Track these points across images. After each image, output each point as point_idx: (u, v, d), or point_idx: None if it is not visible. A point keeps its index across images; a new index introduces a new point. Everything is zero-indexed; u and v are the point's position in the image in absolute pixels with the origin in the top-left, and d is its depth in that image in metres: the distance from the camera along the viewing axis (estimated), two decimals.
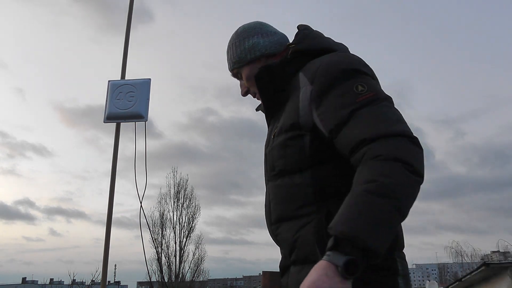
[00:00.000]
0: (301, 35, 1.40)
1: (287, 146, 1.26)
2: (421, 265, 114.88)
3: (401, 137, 1.05)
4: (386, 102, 1.15)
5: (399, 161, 1.00)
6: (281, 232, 1.28)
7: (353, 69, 1.20)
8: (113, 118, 2.92)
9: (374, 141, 1.05)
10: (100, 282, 2.96)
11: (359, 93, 1.14)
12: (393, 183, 0.97)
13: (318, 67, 1.24)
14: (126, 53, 3.32)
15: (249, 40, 1.46)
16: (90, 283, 19.29)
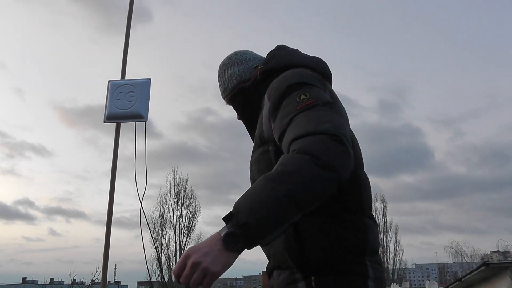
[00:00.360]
0: (270, 55, 1.49)
1: (260, 161, 1.34)
2: (421, 265, 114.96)
3: (322, 135, 1.07)
4: (326, 106, 1.19)
5: (308, 154, 1.03)
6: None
7: (298, 82, 1.27)
8: (113, 118, 2.92)
9: (297, 139, 1.09)
10: (100, 282, 2.96)
11: (300, 102, 1.20)
12: (290, 171, 1.01)
13: (273, 85, 1.33)
14: (126, 53, 3.32)
15: (228, 71, 1.58)
16: (90, 283, 19.29)
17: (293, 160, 1.03)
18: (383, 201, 39.43)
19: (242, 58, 1.59)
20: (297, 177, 1.00)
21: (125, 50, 3.32)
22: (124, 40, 3.36)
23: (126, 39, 3.36)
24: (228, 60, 1.61)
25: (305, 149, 1.05)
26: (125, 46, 3.33)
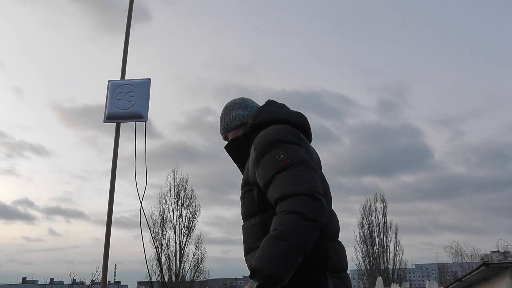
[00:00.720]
0: (258, 111, 1.84)
1: (244, 198, 1.73)
2: (421, 265, 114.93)
3: (301, 195, 1.45)
4: (300, 166, 1.54)
5: (296, 213, 1.41)
6: (247, 261, 1.68)
7: (278, 140, 1.61)
8: (113, 118, 2.92)
9: (283, 199, 1.47)
10: (100, 282, 2.96)
11: (280, 160, 1.55)
12: (287, 229, 1.39)
13: (258, 138, 1.68)
14: (126, 53, 3.32)
15: (234, 112, 1.93)
16: (90, 283, 19.27)
17: (287, 220, 1.41)
18: (383, 201, 39.45)
19: (248, 104, 1.94)
20: (294, 232, 1.39)
21: (125, 50, 3.32)
22: (124, 40, 3.36)
23: (126, 39, 3.35)
24: (235, 104, 1.95)
25: (292, 209, 1.42)
26: (125, 46, 3.33)
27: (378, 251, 37.66)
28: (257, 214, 1.66)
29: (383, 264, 37.21)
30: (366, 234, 38.33)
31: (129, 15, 3.44)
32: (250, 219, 1.70)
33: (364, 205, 39.54)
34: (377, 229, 38.35)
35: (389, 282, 31.31)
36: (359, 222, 39.05)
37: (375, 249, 37.74)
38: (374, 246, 37.84)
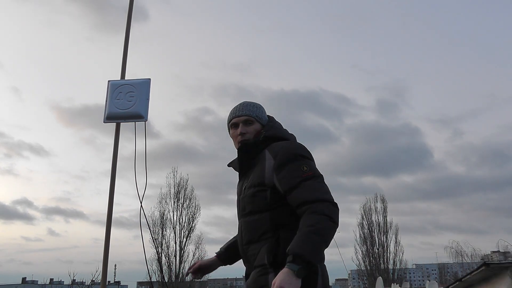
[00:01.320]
0: (268, 126, 2.19)
1: (255, 196, 2.01)
2: (421, 265, 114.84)
3: (327, 202, 1.87)
4: (320, 179, 1.96)
5: (326, 215, 1.82)
6: (250, 250, 2.02)
7: (301, 154, 2.00)
8: (113, 118, 2.92)
9: (313, 202, 1.85)
10: (100, 282, 2.96)
11: (304, 171, 1.93)
12: (322, 227, 1.79)
13: (280, 149, 2.02)
14: (126, 53, 3.31)
15: (265, 113, 2.26)
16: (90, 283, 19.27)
17: (321, 220, 1.80)
18: (383, 201, 39.42)
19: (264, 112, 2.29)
20: (326, 230, 1.81)
21: (125, 50, 3.32)
22: (124, 40, 3.35)
23: (126, 39, 3.35)
24: (263, 108, 2.27)
25: (323, 212, 1.82)
26: (124, 46, 3.33)
27: (378, 251, 37.64)
28: (267, 211, 1.98)
29: (383, 264, 37.19)
30: (366, 234, 38.32)
31: (129, 15, 3.43)
32: (256, 214, 2.01)
33: (364, 205, 39.53)
34: (377, 229, 38.34)
35: (389, 282, 31.30)
36: (359, 222, 39.04)
37: (375, 249, 37.73)
38: (374, 246, 37.82)
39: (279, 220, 1.96)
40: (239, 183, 2.19)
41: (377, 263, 37.14)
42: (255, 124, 2.17)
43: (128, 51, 3.31)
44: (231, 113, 2.24)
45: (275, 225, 1.96)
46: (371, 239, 37.98)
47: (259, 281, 1.91)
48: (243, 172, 2.16)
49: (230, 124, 2.22)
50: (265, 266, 1.91)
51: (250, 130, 2.15)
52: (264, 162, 2.03)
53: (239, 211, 2.14)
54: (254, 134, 2.14)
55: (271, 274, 1.87)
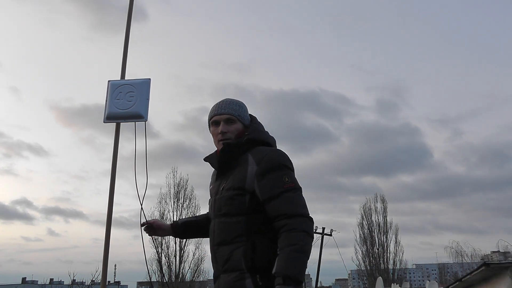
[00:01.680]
0: (252, 127, 2.17)
1: (234, 199, 2.01)
2: (421, 265, 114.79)
3: (304, 217, 1.92)
4: (299, 191, 2.00)
5: (304, 231, 1.87)
6: (220, 251, 2.02)
7: (284, 164, 2.01)
8: (113, 118, 2.91)
9: (291, 217, 1.89)
10: (100, 282, 2.96)
11: (285, 182, 1.96)
12: (304, 244, 1.85)
13: (264, 156, 2.02)
14: (126, 53, 3.31)
15: (247, 113, 2.23)
16: (90, 283, 19.26)
17: (302, 237, 1.85)
18: (383, 201, 39.44)
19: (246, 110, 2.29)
20: (307, 247, 1.87)
21: (125, 50, 3.31)
22: (124, 40, 3.35)
23: (126, 39, 3.35)
24: (246, 107, 2.24)
25: (302, 228, 1.88)
26: (124, 46, 3.32)
27: (378, 251, 37.64)
28: (243, 215, 1.99)
29: (383, 264, 37.19)
30: (366, 234, 38.32)
31: (129, 15, 3.42)
32: (233, 217, 2.01)
33: (364, 205, 39.54)
34: (377, 229, 38.33)
35: (389, 282, 31.29)
36: (359, 222, 39.05)
37: (375, 249, 37.72)
38: (374, 246, 37.82)
39: (254, 225, 1.97)
40: (216, 182, 2.17)
41: (377, 263, 37.13)
42: (237, 124, 2.14)
43: (128, 51, 3.31)
44: (212, 110, 2.20)
45: (250, 230, 1.96)
46: (371, 239, 37.98)
47: (236, 286, 1.91)
48: (221, 172, 2.15)
49: (211, 121, 2.19)
50: (243, 271, 1.91)
51: (231, 130, 2.13)
52: (246, 166, 2.02)
53: (213, 210, 2.13)
54: (236, 134, 2.12)
55: (248, 279, 1.89)
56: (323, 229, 27.01)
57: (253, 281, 1.89)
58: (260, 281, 1.89)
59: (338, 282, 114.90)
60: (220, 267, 2.02)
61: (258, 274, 1.90)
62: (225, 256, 1.99)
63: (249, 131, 2.14)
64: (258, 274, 1.90)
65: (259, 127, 2.22)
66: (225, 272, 1.98)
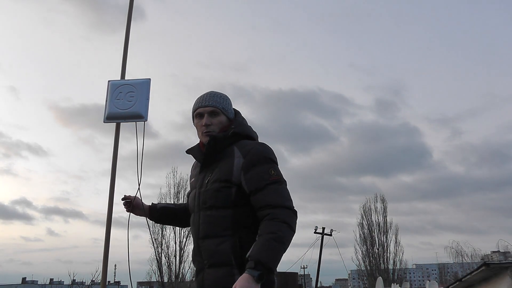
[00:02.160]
0: (237, 122, 2.18)
1: (220, 191, 2.01)
2: (421, 265, 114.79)
3: (288, 209, 1.94)
4: (284, 184, 2.02)
5: (286, 223, 1.89)
6: (206, 244, 2.01)
7: (270, 157, 2.05)
8: (113, 118, 2.91)
9: (275, 207, 1.91)
10: (100, 282, 2.96)
11: (271, 175, 1.99)
12: (283, 235, 1.85)
13: (251, 149, 2.05)
14: (126, 53, 3.31)
15: (231, 106, 2.24)
16: (90, 283, 19.27)
17: (282, 228, 1.86)
18: (383, 201, 39.44)
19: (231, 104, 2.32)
20: (286, 238, 1.87)
21: (125, 49, 3.31)
22: (124, 40, 3.35)
23: (126, 38, 3.35)
24: (230, 100, 2.25)
25: (284, 220, 1.89)
26: (124, 46, 3.32)
27: (378, 251, 37.64)
28: (229, 208, 2.00)
29: (383, 264, 37.19)
30: (366, 234, 38.32)
31: (129, 14, 3.42)
32: (219, 210, 2.01)
33: (364, 205, 39.55)
34: (377, 229, 38.33)
35: (389, 282, 31.30)
36: (359, 222, 39.06)
37: (375, 249, 37.73)
38: (374, 246, 37.82)
39: (241, 219, 1.98)
40: (200, 175, 2.15)
41: (377, 263, 37.14)
42: (221, 116, 2.15)
43: (128, 51, 3.30)
44: (196, 102, 2.19)
45: (237, 223, 1.98)
46: (371, 239, 37.98)
47: (225, 282, 1.90)
48: (205, 164, 2.14)
49: (195, 113, 2.18)
50: (232, 267, 1.93)
51: (215, 122, 2.13)
52: (232, 159, 2.04)
53: (196, 203, 2.10)
54: (220, 127, 2.13)
55: (238, 276, 1.85)
56: (323, 229, 27.01)
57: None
58: None
59: (338, 282, 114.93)
60: (205, 260, 2.01)
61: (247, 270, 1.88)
62: (211, 250, 1.98)
63: (234, 125, 2.15)
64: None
65: (243, 121, 2.23)
66: (211, 267, 1.98)
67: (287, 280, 8.21)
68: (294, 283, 8.22)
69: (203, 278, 2.01)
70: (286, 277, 8.25)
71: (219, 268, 1.95)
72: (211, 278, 1.97)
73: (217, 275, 1.95)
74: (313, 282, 39.76)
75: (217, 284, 1.94)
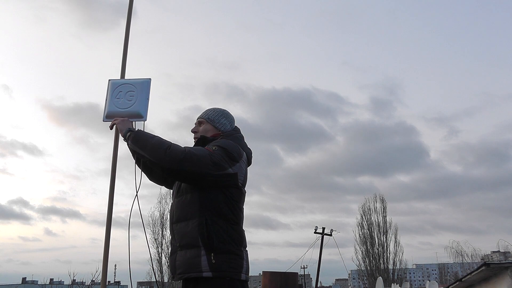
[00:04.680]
0: (229, 133, 2.51)
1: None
2: (421, 265, 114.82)
3: (184, 152, 2.20)
4: (210, 153, 2.23)
5: (169, 149, 2.21)
6: (178, 228, 2.23)
7: (224, 146, 2.29)
8: (113, 117, 2.90)
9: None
10: (100, 282, 2.95)
11: (210, 148, 2.29)
12: (158, 143, 2.26)
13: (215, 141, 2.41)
14: (126, 53, 3.30)
15: (223, 119, 2.57)
16: (90, 283, 19.27)
17: (164, 145, 2.25)
18: (382, 201, 39.46)
19: (231, 120, 2.62)
20: (155, 146, 2.24)
21: (125, 49, 3.30)
22: (124, 40, 3.34)
23: (125, 38, 3.34)
24: (229, 115, 2.61)
25: (176, 149, 2.19)
26: (124, 46, 3.31)
27: (378, 251, 37.65)
28: (196, 191, 2.22)
29: (383, 264, 37.20)
30: (366, 234, 38.33)
31: (129, 15, 3.42)
32: (188, 194, 2.25)
33: (363, 205, 39.56)
34: (376, 229, 38.34)
35: (389, 283, 31.30)
36: (359, 222, 39.07)
37: (375, 249, 37.73)
38: (374, 246, 37.83)
39: (208, 202, 2.18)
40: None
41: (377, 263, 37.13)
42: (205, 125, 2.54)
43: (128, 51, 3.29)
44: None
45: (204, 206, 2.17)
46: (371, 239, 37.99)
47: (193, 263, 2.10)
48: None
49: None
50: (199, 248, 2.11)
51: (199, 129, 2.55)
52: None
53: (175, 192, 2.42)
54: (205, 134, 2.51)
55: (204, 257, 2.09)
56: (323, 229, 27.00)
57: (207, 259, 2.07)
58: (214, 259, 2.07)
59: (338, 282, 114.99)
60: (177, 243, 2.23)
61: (212, 253, 2.08)
62: (181, 232, 2.20)
63: (225, 134, 2.49)
64: (213, 253, 2.08)
65: (236, 135, 2.53)
66: (181, 249, 2.18)
67: (287, 280, 8.21)
68: (294, 283, 8.21)
69: (175, 259, 2.21)
70: (286, 277, 8.25)
71: (188, 250, 2.14)
72: (181, 259, 2.17)
73: (187, 256, 2.14)
74: (313, 282, 39.75)
75: (186, 264, 2.13)
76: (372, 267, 37.16)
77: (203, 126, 2.54)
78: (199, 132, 2.53)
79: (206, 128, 2.53)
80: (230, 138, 2.44)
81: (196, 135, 2.53)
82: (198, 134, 2.52)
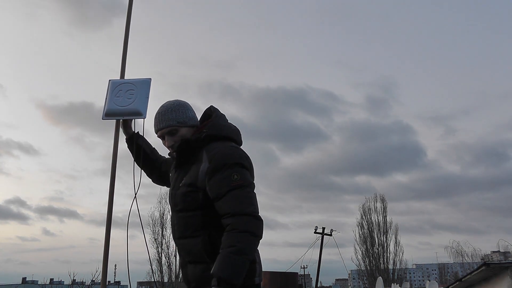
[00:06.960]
0: (210, 124, 2.20)
1: (187, 196, 2.11)
2: (421, 265, 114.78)
3: (248, 215, 1.93)
4: (248, 188, 2.01)
5: (247, 231, 1.90)
6: (183, 244, 2.14)
7: (235, 162, 2.03)
8: (112, 115, 2.90)
9: (234, 216, 1.92)
10: (100, 282, 2.94)
11: (233, 180, 1.98)
12: (243, 246, 1.87)
13: (216, 153, 2.07)
14: (126, 52, 3.29)
15: (190, 112, 2.28)
16: (90, 283, 19.26)
17: (242, 238, 1.88)
18: (382, 201, 39.47)
19: (193, 109, 2.34)
20: (247, 248, 1.89)
21: (125, 49, 3.30)
22: (124, 40, 3.33)
23: (125, 38, 3.33)
24: (187, 105, 2.30)
25: (243, 228, 1.89)
26: (124, 46, 3.31)
27: (378, 251, 37.64)
28: (199, 210, 2.08)
29: (383, 264, 37.19)
30: (366, 234, 38.33)
31: (129, 15, 3.41)
32: (189, 212, 2.10)
33: (363, 204, 39.56)
34: (376, 229, 38.33)
35: (389, 282, 31.30)
36: (359, 222, 39.07)
37: (375, 249, 37.73)
38: (374, 246, 37.83)
39: (210, 217, 2.05)
40: (174, 174, 2.27)
41: (377, 263, 37.13)
42: (181, 130, 2.22)
43: (127, 51, 3.29)
44: (154, 125, 2.28)
45: (207, 223, 2.06)
46: (371, 239, 37.99)
47: (203, 277, 2.03)
48: (179, 166, 2.24)
49: (157, 136, 2.29)
50: (208, 263, 2.02)
51: (177, 139, 2.21)
52: (200, 164, 2.10)
53: (172, 204, 2.24)
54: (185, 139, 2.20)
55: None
56: (323, 229, 27.00)
57: None
58: None
59: (338, 282, 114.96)
60: (186, 257, 2.15)
61: None
62: (187, 249, 2.13)
63: (207, 127, 2.19)
64: None
65: (219, 120, 2.25)
66: (191, 263, 2.12)
67: (287, 280, 8.21)
68: (294, 283, 8.21)
69: (187, 273, 2.16)
70: (286, 277, 8.25)
71: (197, 264, 2.08)
72: (191, 274, 2.12)
73: (196, 271, 2.09)
74: (313, 282, 39.76)
75: (198, 278, 2.08)
76: (372, 267, 37.16)
77: (178, 134, 2.21)
78: (177, 142, 2.20)
79: (182, 133, 2.21)
80: (218, 130, 2.17)
81: (175, 147, 2.21)
82: (178, 144, 2.20)
